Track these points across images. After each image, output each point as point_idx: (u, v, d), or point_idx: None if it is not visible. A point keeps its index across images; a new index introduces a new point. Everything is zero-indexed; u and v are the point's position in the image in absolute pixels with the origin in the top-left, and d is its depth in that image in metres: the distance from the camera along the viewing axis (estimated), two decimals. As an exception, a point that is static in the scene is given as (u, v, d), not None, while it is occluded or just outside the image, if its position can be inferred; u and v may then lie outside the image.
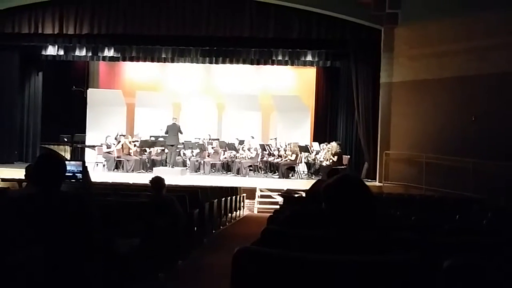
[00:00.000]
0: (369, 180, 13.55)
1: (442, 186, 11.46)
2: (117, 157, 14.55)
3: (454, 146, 11.73)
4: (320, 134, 17.10)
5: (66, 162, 3.18)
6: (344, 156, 14.50)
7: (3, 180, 8.38)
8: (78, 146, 16.50)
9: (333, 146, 14.15)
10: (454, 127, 11.90)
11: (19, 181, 8.33)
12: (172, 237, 5.47)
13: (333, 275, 1.38)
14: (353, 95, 14.25)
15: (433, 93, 12.43)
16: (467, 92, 11.76)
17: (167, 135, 14.37)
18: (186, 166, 15.09)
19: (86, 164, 4.39)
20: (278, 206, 8.20)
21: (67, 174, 3.25)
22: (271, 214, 4.92)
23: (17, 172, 11.46)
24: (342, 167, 13.61)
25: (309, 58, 15.72)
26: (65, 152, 16.40)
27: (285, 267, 1.41)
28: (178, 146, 14.82)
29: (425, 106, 12.66)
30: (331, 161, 13.82)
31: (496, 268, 1.41)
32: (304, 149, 14.81)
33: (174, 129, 14.20)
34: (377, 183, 13.27)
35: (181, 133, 14.49)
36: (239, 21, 13.64)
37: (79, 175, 4.00)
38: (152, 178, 6.19)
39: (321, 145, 15.31)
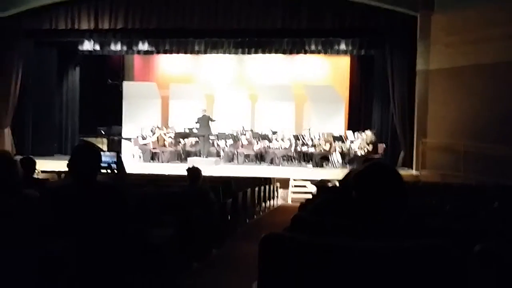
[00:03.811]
0: (406, 168, 13.32)
1: (481, 174, 11.17)
2: (153, 149, 14.78)
3: (493, 133, 11.40)
4: (355, 123, 16.88)
5: (101, 153, 3.25)
6: (380, 144, 14.28)
7: (43, 172, 8.64)
8: (115, 138, 16.81)
9: (368, 135, 13.97)
10: (493, 114, 11.56)
11: (58, 173, 8.59)
12: (206, 227, 5.53)
13: (360, 261, 1.37)
14: (388, 84, 14.01)
15: (471, 80, 12.09)
16: (506, 79, 11.38)
17: (198, 126, 14.51)
18: (220, 156, 15.19)
19: (122, 155, 4.46)
20: (311, 196, 8.16)
21: (102, 164, 3.31)
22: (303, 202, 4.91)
23: (57, 164, 11.80)
24: (377, 156, 13.44)
25: (342, 47, 15.49)
26: (102, 144, 16.72)
27: (312, 253, 1.40)
28: (210, 136, 14.93)
29: (463, 93, 12.34)
30: (366, 150, 13.66)
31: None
32: (338, 138, 14.67)
33: (204, 120, 14.36)
34: (414, 172, 13.04)
35: (212, 120, 14.61)
36: (271, 12, 13.57)
37: (114, 166, 4.08)
38: (190, 168, 6.25)
39: (356, 134, 15.13)
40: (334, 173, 12.71)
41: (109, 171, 3.97)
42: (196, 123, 14.46)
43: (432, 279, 1.33)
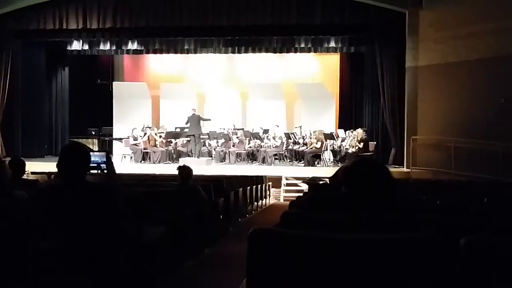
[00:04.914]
0: (397, 166, 13.38)
1: (472, 171, 11.23)
2: (144, 149, 14.73)
3: (484, 130, 11.47)
4: (346, 121, 16.95)
5: (91, 153, 3.23)
6: (370, 142, 14.34)
7: (33, 173, 8.58)
8: (106, 139, 16.74)
9: (359, 132, 14.01)
10: (483, 110, 11.62)
11: (48, 174, 8.53)
12: (198, 225, 5.52)
13: (347, 254, 1.37)
14: (378, 81, 14.05)
15: (461, 76, 12.15)
16: (496, 74, 11.45)
17: (188, 125, 14.48)
18: (212, 156, 15.18)
19: (112, 155, 4.45)
20: (302, 194, 8.17)
21: (91, 164, 3.30)
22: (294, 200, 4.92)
23: (47, 166, 11.71)
24: (369, 153, 13.49)
25: (332, 44, 15.53)
26: (93, 145, 16.68)
27: (299, 247, 1.40)
28: (202, 136, 14.90)
29: (452, 89, 12.40)
30: (357, 148, 13.70)
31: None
32: (329, 136, 14.71)
33: (194, 119, 14.30)
34: (405, 169, 13.10)
35: (205, 120, 14.59)
36: (260, 9, 13.56)
37: (104, 166, 4.06)
38: (180, 167, 6.23)
39: (347, 132, 15.18)
40: (326, 171, 12.73)
41: (98, 171, 3.96)
42: (186, 122, 14.42)
43: (419, 270, 1.34)
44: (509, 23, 11.14)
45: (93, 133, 16.95)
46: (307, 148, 14.52)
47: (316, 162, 14.28)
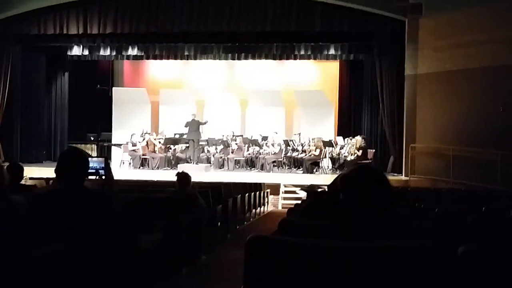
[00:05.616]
0: (395, 174, 13.38)
1: (471, 179, 11.23)
2: (143, 155, 14.70)
3: (482, 138, 11.48)
4: (345, 128, 16.96)
5: (89, 159, 3.22)
6: (369, 150, 14.33)
7: (31, 178, 8.57)
8: (105, 144, 16.73)
9: (358, 140, 14.01)
10: (482, 119, 11.65)
11: (46, 179, 8.52)
12: (196, 232, 5.51)
13: (345, 262, 1.36)
14: (377, 88, 14.08)
15: (460, 84, 12.18)
16: (494, 83, 11.49)
17: (187, 129, 14.47)
18: (210, 162, 15.16)
19: (111, 161, 4.44)
20: (301, 202, 8.15)
21: (90, 170, 3.29)
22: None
23: (46, 171, 11.71)
24: (367, 161, 13.48)
25: (332, 51, 15.57)
26: (92, 150, 16.65)
27: (297, 255, 1.40)
28: (201, 142, 14.90)
29: (451, 97, 12.42)
30: (355, 155, 13.70)
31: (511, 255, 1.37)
32: (328, 144, 14.70)
33: (193, 125, 14.31)
34: (403, 177, 13.09)
35: (203, 123, 14.57)
36: (260, 15, 13.60)
37: (102, 172, 4.04)
38: (179, 173, 6.23)
39: (346, 139, 15.19)
40: (325, 178, 12.72)
41: (96, 176, 3.93)
42: (186, 126, 14.40)
43: (416, 278, 1.34)
44: (507, 32, 11.19)
45: (92, 138, 16.94)
46: (306, 155, 14.52)
47: (314, 170, 14.26)
